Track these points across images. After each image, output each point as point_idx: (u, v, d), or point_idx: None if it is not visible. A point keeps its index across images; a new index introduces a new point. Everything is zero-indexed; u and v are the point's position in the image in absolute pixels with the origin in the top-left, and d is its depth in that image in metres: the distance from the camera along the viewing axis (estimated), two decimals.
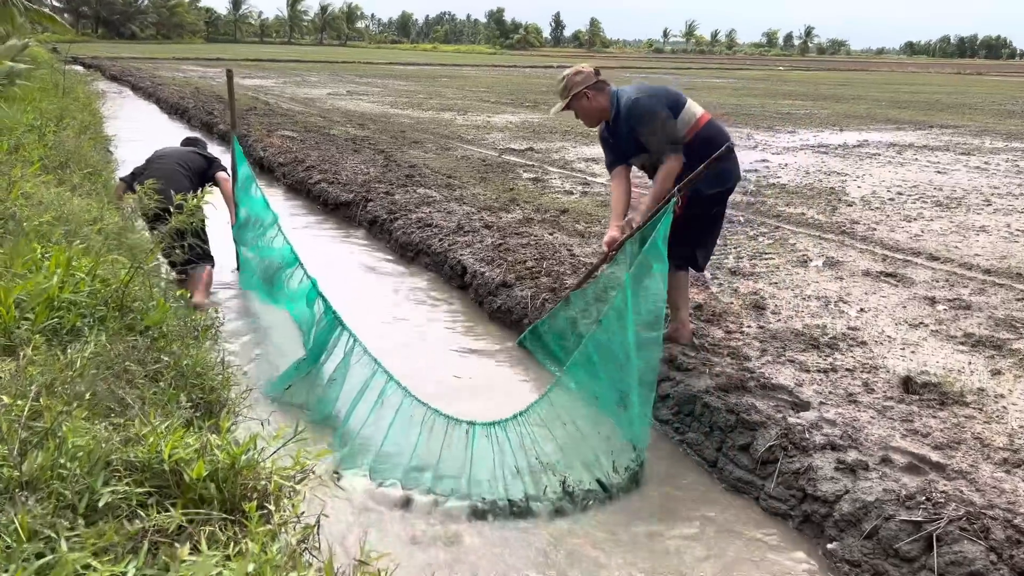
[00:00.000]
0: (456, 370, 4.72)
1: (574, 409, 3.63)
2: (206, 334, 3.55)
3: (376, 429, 3.47)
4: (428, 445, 3.35)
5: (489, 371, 4.74)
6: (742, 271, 5.66)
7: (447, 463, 3.34)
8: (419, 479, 3.34)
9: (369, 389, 3.53)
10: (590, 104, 4.04)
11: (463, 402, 4.00)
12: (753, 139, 14.26)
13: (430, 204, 7.83)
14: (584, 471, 3.44)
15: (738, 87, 33.37)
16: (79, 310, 3.16)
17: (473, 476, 3.32)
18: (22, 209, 4.63)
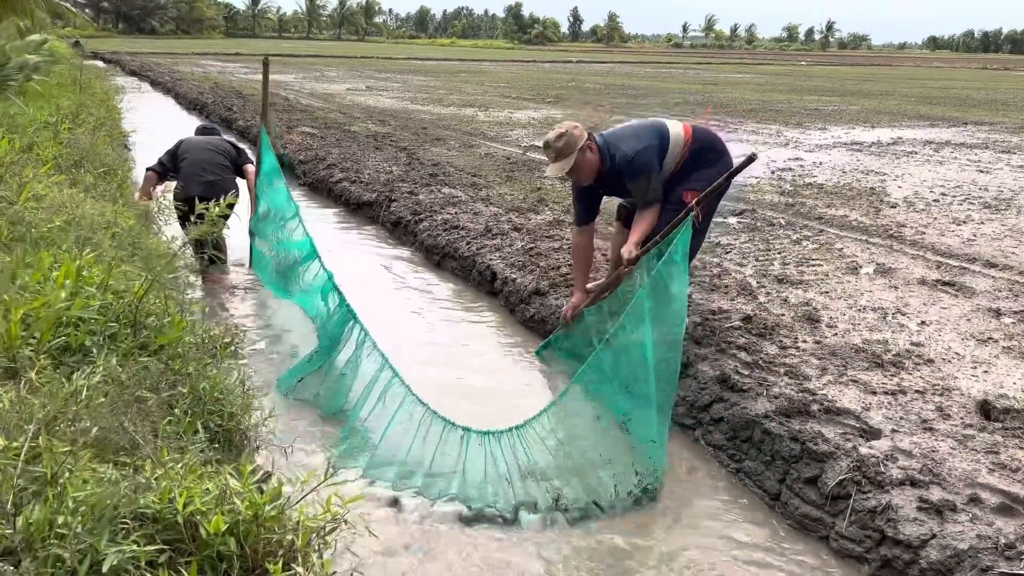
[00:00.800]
0: (487, 381, 4.44)
1: (574, 427, 3.48)
2: (225, 352, 3.28)
3: (377, 425, 3.44)
4: (423, 446, 3.30)
5: (520, 380, 4.46)
6: (790, 279, 5.34)
7: (440, 465, 3.29)
8: (410, 480, 3.30)
9: (375, 384, 3.52)
10: (591, 157, 4.08)
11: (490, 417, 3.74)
12: (783, 136, 13.87)
13: (456, 205, 7.55)
14: (581, 490, 3.29)
15: (761, 82, 32.84)
16: (89, 327, 2.91)
17: (465, 480, 3.25)
18: (32, 212, 4.39)
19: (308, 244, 4.82)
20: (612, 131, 4.26)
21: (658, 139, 4.10)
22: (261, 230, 5.85)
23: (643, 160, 4.05)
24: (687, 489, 3.45)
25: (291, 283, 5.05)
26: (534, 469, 3.29)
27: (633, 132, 4.17)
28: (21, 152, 5.73)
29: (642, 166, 4.06)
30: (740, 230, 6.73)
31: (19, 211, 4.31)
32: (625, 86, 27.77)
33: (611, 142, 4.13)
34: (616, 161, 4.07)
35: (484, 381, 4.47)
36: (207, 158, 5.91)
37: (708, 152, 4.17)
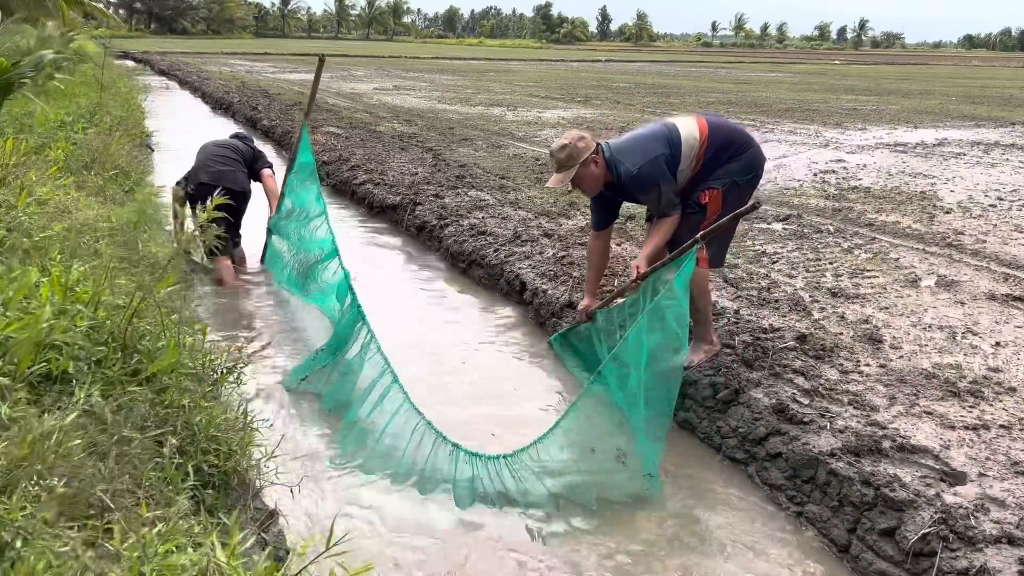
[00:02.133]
0: (515, 400, 4.10)
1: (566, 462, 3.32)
2: (225, 380, 2.95)
3: (375, 427, 3.47)
4: (416, 453, 3.32)
5: (552, 401, 4.10)
6: (845, 292, 4.92)
7: (432, 470, 3.31)
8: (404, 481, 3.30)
9: (375, 387, 3.52)
10: (596, 171, 3.88)
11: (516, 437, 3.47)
12: (822, 136, 13.36)
13: (483, 208, 7.20)
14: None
15: (795, 82, 32.14)
16: (73, 352, 2.59)
17: (456, 487, 3.24)
18: (32, 218, 4.11)
19: (331, 242, 4.72)
20: (619, 141, 4.00)
21: (667, 147, 3.81)
22: (282, 228, 5.69)
23: (647, 174, 3.78)
24: (738, 531, 3.07)
25: (309, 281, 5.03)
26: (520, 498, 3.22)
27: (639, 144, 3.88)
28: (30, 153, 5.47)
29: (648, 181, 3.80)
30: (786, 237, 6.31)
31: (17, 216, 4.04)
32: (656, 85, 27.28)
33: (616, 155, 3.89)
34: (621, 177, 3.85)
35: (511, 409, 4.12)
36: (217, 153, 5.87)
37: (729, 148, 3.85)
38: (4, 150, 5.03)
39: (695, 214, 3.86)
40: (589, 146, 3.84)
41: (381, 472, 3.35)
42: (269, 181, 6.05)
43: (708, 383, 3.75)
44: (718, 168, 3.83)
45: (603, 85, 26.59)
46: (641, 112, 16.97)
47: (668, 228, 3.89)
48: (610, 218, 4.27)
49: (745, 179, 3.88)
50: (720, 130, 3.89)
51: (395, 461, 3.36)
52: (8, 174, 4.74)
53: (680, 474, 3.50)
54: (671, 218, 3.88)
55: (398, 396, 3.46)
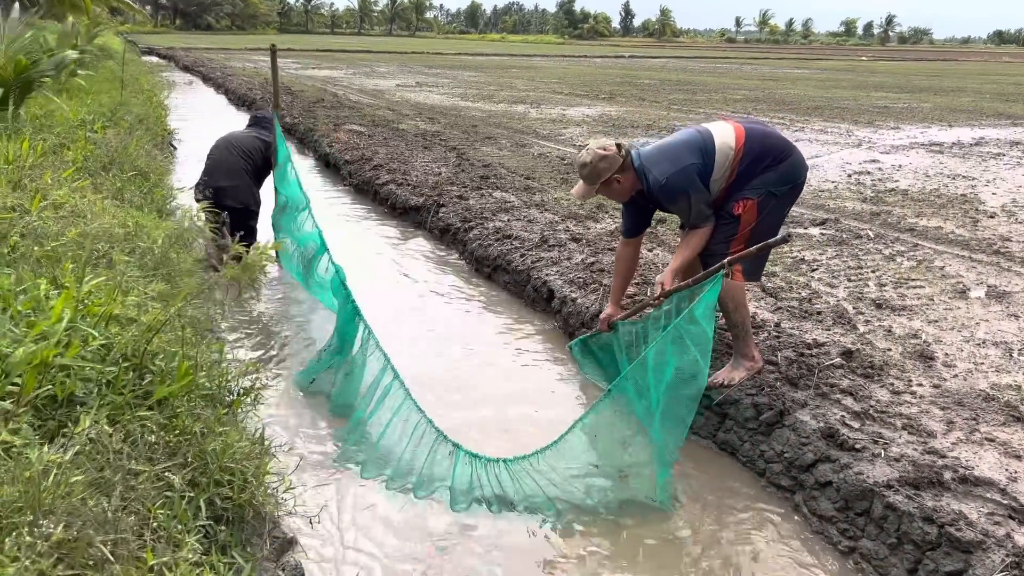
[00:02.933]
0: (536, 408, 3.91)
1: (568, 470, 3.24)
2: (241, 403, 2.79)
3: (377, 426, 3.45)
4: (416, 451, 3.29)
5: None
6: (890, 303, 4.68)
7: (432, 469, 3.26)
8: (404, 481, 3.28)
9: (378, 386, 3.50)
10: (621, 187, 3.76)
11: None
12: (854, 135, 13.03)
13: (508, 211, 7.01)
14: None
15: (823, 78, 31.64)
16: (83, 374, 2.44)
17: (455, 487, 3.19)
18: (47, 223, 3.98)
19: (318, 236, 4.63)
20: (650, 149, 3.82)
21: (699, 156, 3.61)
22: (283, 223, 5.60)
23: (676, 184, 3.61)
24: (783, 564, 2.86)
25: (309, 275, 4.95)
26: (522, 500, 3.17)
27: (670, 152, 3.70)
28: (47, 153, 5.35)
29: (676, 191, 3.62)
30: (824, 243, 6.06)
31: (31, 221, 3.90)
32: (681, 82, 26.93)
33: (646, 163, 3.72)
34: (651, 186, 3.69)
35: (531, 415, 3.93)
36: (226, 161, 5.81)
37: (765, 157, 3.61)
38: (20, 151, 4.91)
39: (727, 225, 3.66)
40: (612, 164, 3.66)
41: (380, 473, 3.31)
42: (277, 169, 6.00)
43: (750, 403, 3.54)
44: (754, 178, 3.62)
45: (627, 82, 26.30)
46: (667, 110, 16.69)
47: (698, 242, 3.71)
48: (641, 225, 4.07)
49: (783, 190, 3.65)
50: (757, 138, 3.66)
51: (395, 461, 3.32)
52: (24, 176, 4.62)
53: (719, 500, 3.30)
54: (702, 230, 3.69)
55: (399, 394, 3.41)
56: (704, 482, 3.44)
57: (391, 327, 4.94)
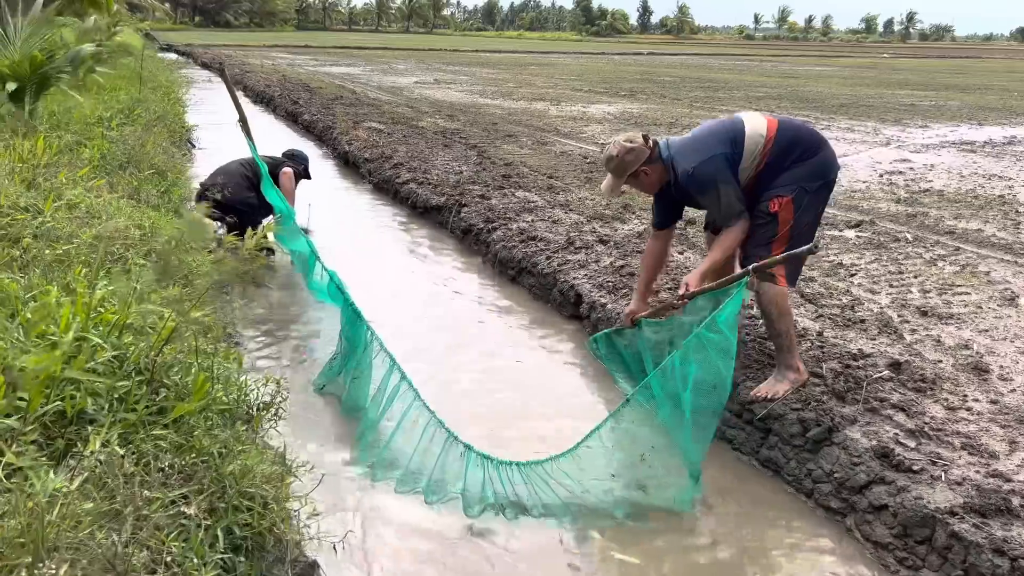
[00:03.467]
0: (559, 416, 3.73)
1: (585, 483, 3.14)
2: (261, 420, 2.63)
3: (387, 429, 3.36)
4: (427, 452, 3.18)
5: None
6: (936, 311, 4.46)
7: (443, 471, 3.16)
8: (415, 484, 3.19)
9: (386, 388, 3.42)
10: (648, 179, 3.70)
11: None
12: (882, 134, 12.75)
13: (532, 211, 6.83)
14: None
15: (845, 76, 31.22)
16: (93, 388, 2.29)
17: (468, 490, 3.08)
18: (60, 224, 3.85)
19: (305, 243, 4.70)
20: (678, 140, 3.73)
21: (729, 145, 3.51)
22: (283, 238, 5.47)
23: (704, 173, 3.50)
24: None
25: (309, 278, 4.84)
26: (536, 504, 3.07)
27: (698, 142, 3.61)
28: (63, 152, 5.23)
29: (706, 180, 3.50)
30: (862, 246, 5.84)
31: (44, 222, 3.77)
32: (702, 79, 26.63)
33: (675, 154, 3.64)
34: (679, 177, 3.61)
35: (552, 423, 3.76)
36: (227, 166, 6.04)
37: (795, 149, 3.50)
38: (35, 149, 4.79)
39: (765, 225, 3.50)
40: (639, 157, 3.61)
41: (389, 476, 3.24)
42: (283, 178, 6.14)
43: (796, 418, 3.35)
44: (782, 172, 3.50)
45: (647, 79, 26.04)
46: (689, 107, 16.45)
47: (730, 242, 3.55)
48: (672, 217, 3.96)
49: (814, 186, 3.49)
50: (789, 130, 3.55)
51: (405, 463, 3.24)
52: (38, 175, 4.50)
53: (763, 520, 3.11)
54: (735, 229, 3.53)
55: (408, 396, 3.33)
56: (746, 501, 3.25)
57: (412, 331, 4.78)
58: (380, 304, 5.22)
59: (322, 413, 3.80)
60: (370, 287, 5.58)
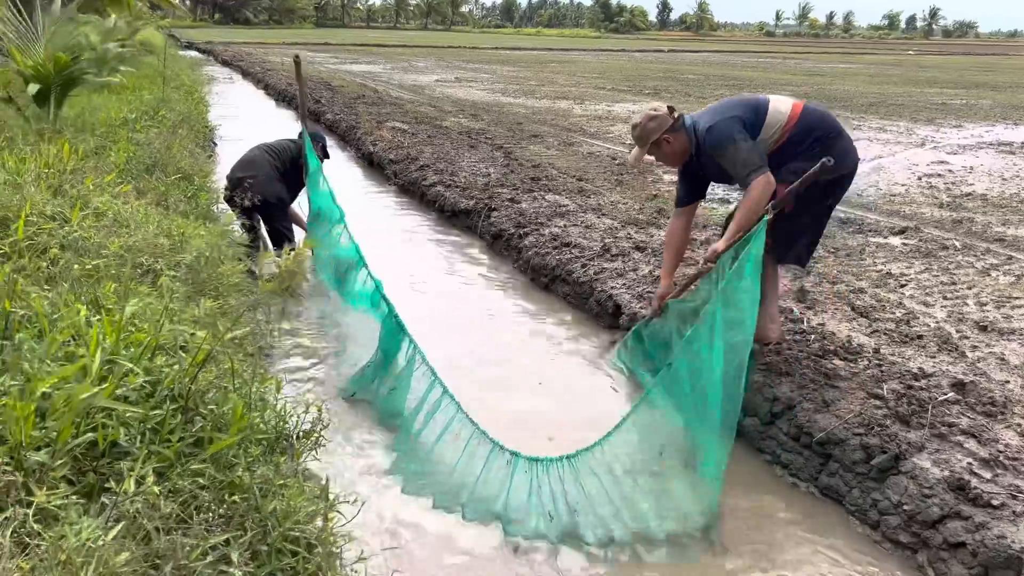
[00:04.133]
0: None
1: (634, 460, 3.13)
2: (303, 451, 2.47)
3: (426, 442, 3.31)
4: (468, 466, 3.11)
5: None
6: (996, 326, 4.25)
7: (484, 487, 3.07)
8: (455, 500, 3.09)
9: (426, 401, 3.37)
10: (671, 148, 3.72)
11: None
12: (916, 134, 12.46)
13: (563, 216, 6.66)
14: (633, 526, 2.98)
15: (871, 73, 30.77)
16: (125, 418, 2.15)
17: (509, 504, 3.01)
18: (88, 233, 3.72)
19: (355, 251, 4.50)
20: (703, 110, 3.79)
21: (752, 112, 3.55)
22: (314, 232, 5.41)
23: (722, 130, 3.49)
24: None
25: (347, 288, 4.74)
26: (584, 504, 2.99)
27: (721, 106, 3.67)
28: (89, 156, 5.12)
29: (723, 136, 3.48)
30: (909, 254, 5.63)
31: (71, 232, 3.65)
32: (726, 77, 26.31)
33: (697, 119, 3.72)
34: (699, 136, 3.64)
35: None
36: (249, 155, 5.83)
37: (812, 132, 3.52)
38: (61, 154, 4.68)
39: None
40: (662, 124, 3.64)
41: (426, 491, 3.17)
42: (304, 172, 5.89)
43: (858, 444, 3.16)
44: (799, 156, 3.48)
45: (670, 76, 25.76)
46: None
47: (755, 200, 3.38)
48: (696, 193, 3.99)
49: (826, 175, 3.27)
50: (812, 113, 3.58)
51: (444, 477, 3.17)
52: (64, 181, 4.38)
53: (825, 552, 2.93)
54: (757, 185, 3.39)
55: (450, 409, 3.28)
56: (806, 532, 3.07)
57: (444, 340, 4.63)
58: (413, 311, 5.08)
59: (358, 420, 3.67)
60: (401, 295, 5.44)
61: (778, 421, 3.52)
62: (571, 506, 2.99)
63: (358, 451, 3.47)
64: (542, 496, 3.00)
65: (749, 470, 3.49)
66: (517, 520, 2.97)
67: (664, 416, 3.17)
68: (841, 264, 5.32)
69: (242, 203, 5.06)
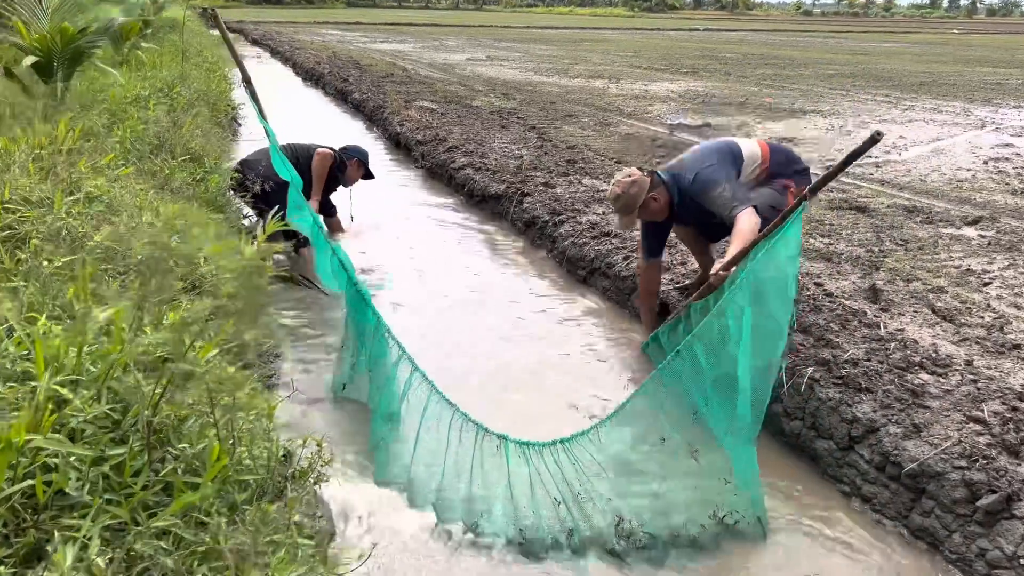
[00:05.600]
0: None
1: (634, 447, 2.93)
2: (300, 489, 2.04)
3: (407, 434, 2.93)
4: (457, 457, 2.79)
5: None
6: None
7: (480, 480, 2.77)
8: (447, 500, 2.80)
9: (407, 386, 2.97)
10: (657, 204, 3.85)
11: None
12: (974, 115, 11.73)
13: (601, 201, 6.17)
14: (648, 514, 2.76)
15: (917, 52, 29.63)
16: (72, 462, 1.73)
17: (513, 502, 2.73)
18: (76, 221, 3.33)
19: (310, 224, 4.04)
20: (677, 160, 3.99)
21: (730, 157, 3.84)
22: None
23: (709, 174, 3.74)
24: None
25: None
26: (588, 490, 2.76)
27: (700, 156, 3.91)
28: (91, 135, 4.73)
29: (709, 179, 3.71)
30: (988, 248, 5.06)
31: (54, 221, 3.25)
32: (766, 56, 25.44)
33: (677, 173, 3.87)
34: (683, 189, 3.82)
35: None
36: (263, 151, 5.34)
37: (791, 164, 3.94)
38: (57, 133, 4.29)
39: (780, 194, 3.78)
40: (643, 188, 3.77)
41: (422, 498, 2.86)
42: (315, 159, 5.44)
43: (959, 480, 2.67)
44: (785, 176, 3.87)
45: (708, 55, 24.96)
46: (757, 85, 15.51)
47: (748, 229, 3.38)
48: (663, 245, 4.19)
49: None
50: (779, 150, 4.00)
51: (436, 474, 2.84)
52: (58, 163, 3.99)
53: None
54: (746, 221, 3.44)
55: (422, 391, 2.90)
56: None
57: (478, 342, 4.20)
58: (440, 310, 4.66)
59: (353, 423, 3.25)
60: (428, 288, 5.02)
61: (858, 446, 3.04)
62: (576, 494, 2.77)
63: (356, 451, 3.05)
64: (545, 485, 2.76)
65: (823, 502, 3.02)
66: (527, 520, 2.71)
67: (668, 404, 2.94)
68: (913, 259, 4.78)
69: (252, 187, 4.65)
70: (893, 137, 9.54)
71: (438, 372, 2.99)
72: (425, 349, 3.60)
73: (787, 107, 12.26)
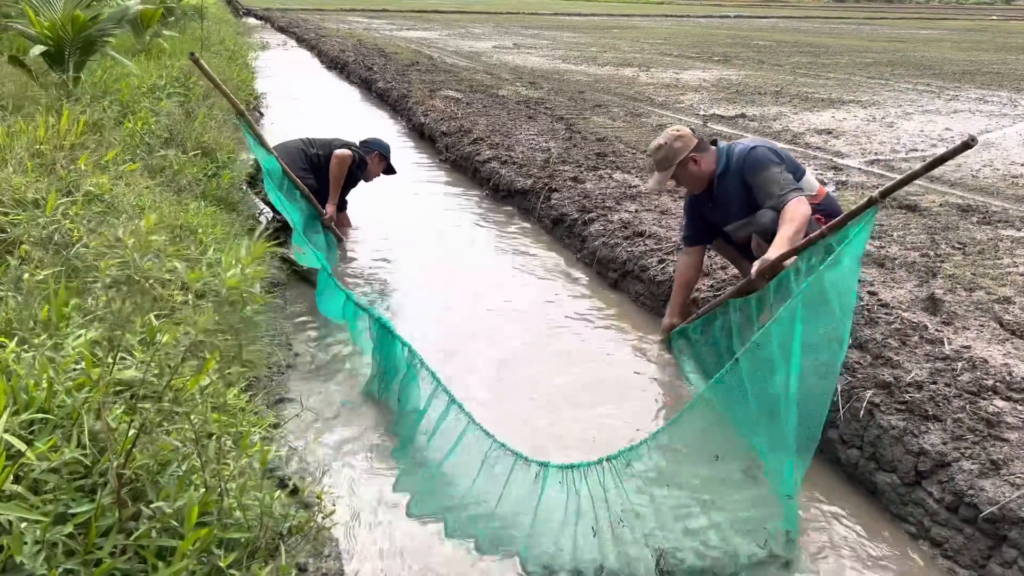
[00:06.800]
0: None
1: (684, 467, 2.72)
2: (291, 558, 1.77)
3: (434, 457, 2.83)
4: (486, 485, 2.64)
5: None
6: None
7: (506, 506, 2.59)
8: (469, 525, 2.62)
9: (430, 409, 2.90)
10: (698, 168, 3.63)
11: None
12: (1021, 105, 11.20)
13: (634, 198, 5.86)
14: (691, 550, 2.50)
15: (957, 40, 28.76)
16: (31, 524, 1.48)
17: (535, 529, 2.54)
18: (71, 226, 3.10)
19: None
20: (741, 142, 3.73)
21: (794, 164, 3.63)
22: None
23: (765, 151, 3.55)
24: None
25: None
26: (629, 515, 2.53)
27: (764, 140, 3.75)
28: (96, 128, 4.50)
29: (765, 155, 3.51)
30: None
31: (47, 224, 3.02)
32: (800, 43, 24.80)
33: (732, 144, 3.67)
34: (733, 158, 3.57)
35: None
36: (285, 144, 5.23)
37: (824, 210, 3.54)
38: (59, 126, 4.06)
39: None
40: (688, 144, 3.58)
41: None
42: (333, 159, 5.19)
43: None
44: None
45: (740, 43, 24.37)
46: (792, 74, 15.01)
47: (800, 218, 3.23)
48: (705, 234, 3.91)
49: None
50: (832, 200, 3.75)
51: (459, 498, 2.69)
52: (59, 159, 3.76)
53: None
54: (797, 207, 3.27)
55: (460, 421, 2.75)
56: None
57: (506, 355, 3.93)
58: (467, 316, 4.40)
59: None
60: (452, 292, 4.75)
61: (925, 482, 2.72)
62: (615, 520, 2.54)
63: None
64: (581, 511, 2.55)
65: (885, 544, 2.71)
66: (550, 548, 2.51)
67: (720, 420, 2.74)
68: (973, 264, 4.42)
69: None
70: (939, 128, 9.10)
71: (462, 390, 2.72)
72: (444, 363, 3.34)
73: (824, 96, 11.80)
